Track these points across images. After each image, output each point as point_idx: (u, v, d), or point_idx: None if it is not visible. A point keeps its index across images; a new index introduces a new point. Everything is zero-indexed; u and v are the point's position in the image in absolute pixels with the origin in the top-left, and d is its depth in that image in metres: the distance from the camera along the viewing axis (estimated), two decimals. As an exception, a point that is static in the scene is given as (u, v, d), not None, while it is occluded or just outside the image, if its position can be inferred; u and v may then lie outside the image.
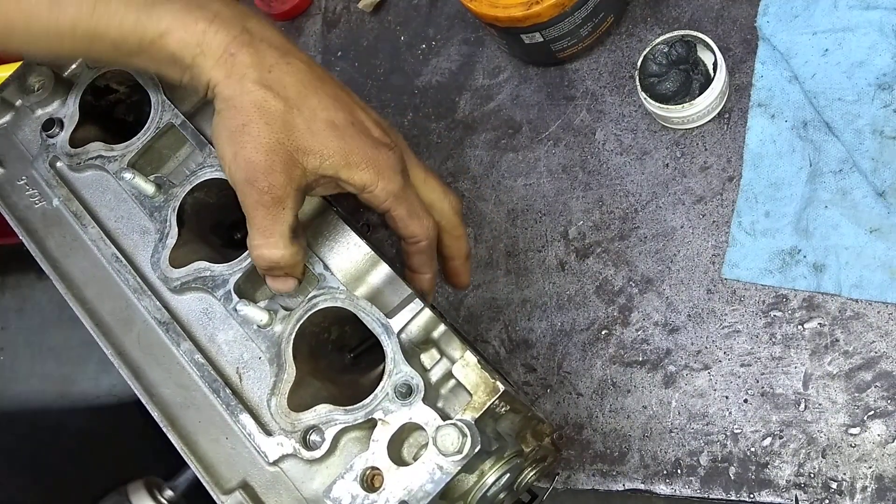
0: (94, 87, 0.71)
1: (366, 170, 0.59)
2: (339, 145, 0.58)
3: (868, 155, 0.69)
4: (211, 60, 0.57)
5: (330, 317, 0.61)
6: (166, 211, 0.65)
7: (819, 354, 0.69)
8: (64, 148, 0.69)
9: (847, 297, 0.69)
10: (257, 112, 0.57)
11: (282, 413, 0.58)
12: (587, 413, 0.75)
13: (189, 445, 0.62)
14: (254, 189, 0.56)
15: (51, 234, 0.71)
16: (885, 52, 0.70)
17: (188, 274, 0.63)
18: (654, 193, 0.78)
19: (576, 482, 0.75)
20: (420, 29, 0.93)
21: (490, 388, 0.56)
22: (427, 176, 0.65)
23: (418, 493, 0.54)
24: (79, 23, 0.58)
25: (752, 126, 0.74)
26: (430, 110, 0.90)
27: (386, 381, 0.56)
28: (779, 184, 0.73)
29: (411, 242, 0.64)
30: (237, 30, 0.58)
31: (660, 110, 0.75)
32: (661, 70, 0.74)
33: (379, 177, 0.59)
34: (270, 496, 0.60)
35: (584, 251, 0.79)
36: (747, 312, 0.72)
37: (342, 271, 0.62)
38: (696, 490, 0.70)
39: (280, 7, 1.00)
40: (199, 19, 0.57)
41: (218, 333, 0.64)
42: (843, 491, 0.66)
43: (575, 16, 0.76)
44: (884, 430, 0.66)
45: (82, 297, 0.68)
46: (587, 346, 0.77)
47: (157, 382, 0.64)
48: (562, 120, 0.83)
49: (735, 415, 0.70)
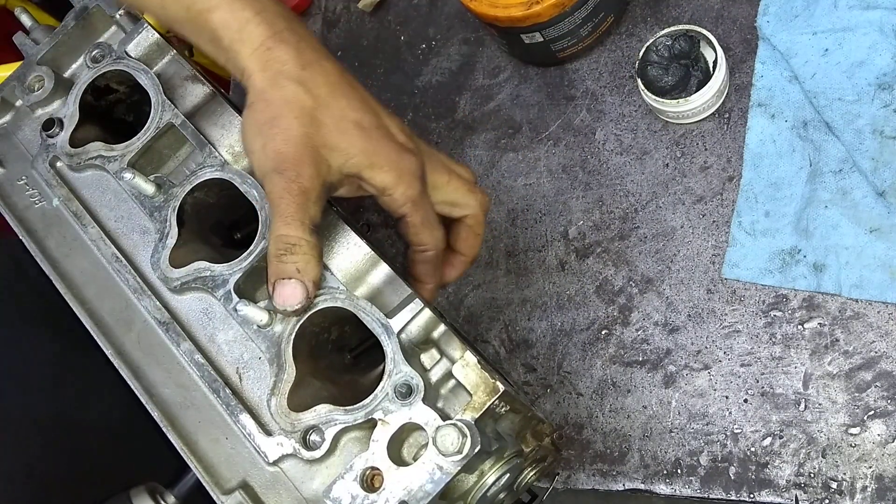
0: (94, 87, 0.71)
1: (388, 172, 0.60)
2: (364, 145, 0.59)
3: (868, 155, 0.69)
4: (248, 49, 0.59)
5: (330, 317, 0.61)
6: (166, 211, 0.65)
7: (819, 354, 0.69)
8: (64, 148, 0.69)
9: (847, 297, 0.69)
10: (287, 107, 0.58)
11: (282, 413, 0.58)
12: (587, 413, 0.75)
13: (189, 445, 0.62)
14: (282, 178, 0.57)
15: (51, 234, 0.71)
16: (885, 52, 0.70)
17: (188, 274, 0.63)
18: (654, 193, 0.78)
19: (576, 482, 0.75)
20: (420, 29, 0.93)
21: (490, 388, 0.56)
22: (451, 176, 0.66)
23: (418, 493, 0.54)
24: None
25: (752, 126, 0.74)
26: (430, 110, 0.90)
27: (386, 381, 0.56)
28: (779, 184, 0.73)
29: (419, 251, 0.64)
30: (279, 27, 0.60)
31: (656, 103, 0.75)
32: (662, 63, 0.74)
33: (399, 180, 0.60)
34: (270, 496, 0.60)
35: (584, 251, 0.79)
36: (747, 312, 0.72)
37: (342, 271, 0.62)
38: (696, 490, 0.70)
39: (280, 7, 1.00)
40: (246, 7, 0.59)
41: (218, 333, 0.64)
42: (843, 491, 0.66)
43: (575, 16, 0.76)
44: (884, 430, 0.66)
45: (82, 297, 0.68)
46: (587, 345, 0.77)
47: (157, 382, 0.64)
48: (562, 120, 0.83)
49: (735, 415, 0.70)
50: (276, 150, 0.57)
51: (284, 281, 0.58)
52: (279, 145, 0.57)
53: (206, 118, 0.69)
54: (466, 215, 0.67)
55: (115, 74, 0.71)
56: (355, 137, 0.59)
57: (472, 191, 0.67)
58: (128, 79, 0.71)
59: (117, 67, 0.70)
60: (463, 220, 0.67)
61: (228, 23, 0.59)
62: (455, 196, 0.66)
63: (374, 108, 0.62)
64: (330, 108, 0.59)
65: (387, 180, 0.60)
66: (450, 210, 0.66)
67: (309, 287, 0.58)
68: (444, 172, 0.65)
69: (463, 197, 0.66)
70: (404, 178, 0.60)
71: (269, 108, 0.58)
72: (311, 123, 0.58)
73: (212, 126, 0.68)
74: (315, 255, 0.58)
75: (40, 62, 0.73)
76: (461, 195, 0.66)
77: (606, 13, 0.79)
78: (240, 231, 0.71)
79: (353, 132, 0.59)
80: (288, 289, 0.58)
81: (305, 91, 0.58)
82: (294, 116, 0.58)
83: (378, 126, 0.60)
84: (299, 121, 0.58)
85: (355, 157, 0.59)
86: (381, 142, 0.60)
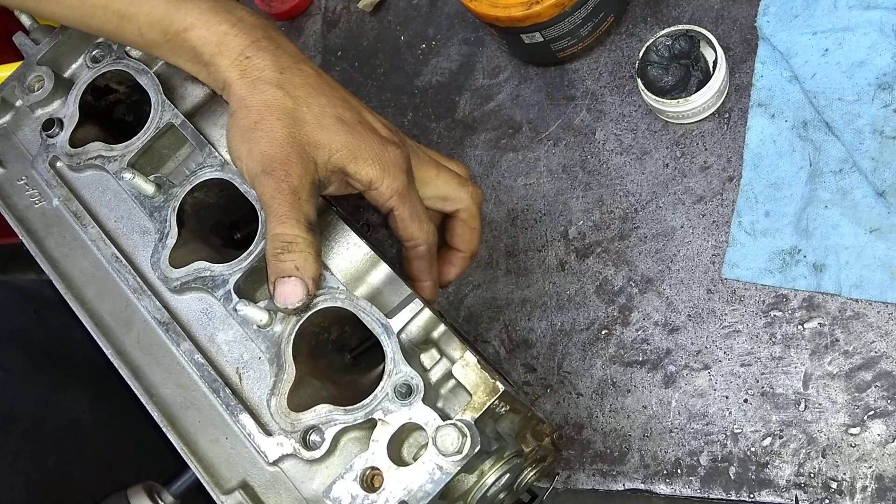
0: (94, 87, 0.71)
1: (372, 165, 0.60)
2: (347, 140, 0.59)
3: (868, 155, 0.69)
4: (227, 60, 0.60)
5: (330, 317, 0.61)
6: (166, 211, 0.65)
7: (819, 354, 0.69)
8: (64, 148, 0.69)
9: (847, 297, 0.69)
10: (268, 110, 0.59)
11: (282, 413, 0.58)
12: (587, 413, 0.75)
13: (189, 445, 0.62)
14: (272, 178, 0.57)
15: (50, 234, 0.71)
16: (885, 52, 0.70)
17: (188, 274, 0.63)
18: (654, 193, 0.78)
19: (576, 482, 0.75)
20: (420, 29, 0.93)
21: (490, 388, 0.56)
22: (440, 170, 0.66)
23: (418, 493, 0.54)
24: (112, 2, 0.62)
25: (752, 126, 0.74)
26: (430, 110, 0.90)
27: (386, 381, 0.56)
28: (779, 184, 0.73)
29: (410, 247, 0.64)
30: (256, 36, 0.61)
31: (656, 103, 0.75)
32: (662, 63, 0.74)
33: (385, 173, 0.60)
34: (270, 496, 0.60)
35: (584, 251, 0.79)
36: (747, 312, 0.72)
37: (342, 271, 0.62)
38: (696, 490, 0.70)
39: (280, 7, 1.00)
40: (222, 21, 0.61)
41: (218, 333, 0.64)
42: (843, 491, 0.66)
43: (575, 16, 0.76)
44: (884, 430, 0.66)
45: (82, 297, 0.68)
46: (587, 345, 0.77)
47: (157, 382, 0.64)
48: (562, 120, 0.83)
49: (735, 415, 0.70)
50: (262, 152, 0.58)
51: (284, 279, 0.58)
52: (265, 147, 0.58)
53: (206, 118, 0.69)
54: (459, 209, 0.67)
55: (115, 74, 0.71)
56: (337, 132, 0.59)
57: (463, 184, 0.67)
58: (128, 79, 0.71)
59: (117, 67, 0.70)
60: (457, 215, 0.67)
61: (206, 38, 0.61)
62: (445, 190, 0.66)
63: (355, 104, 0.62)
64: (310, 107, 0.59)
65: (371, 173, 0.60)
66: (442, 205, 0.66)
67: (309, 284, 0.58)
68: (431, 167, 0.65)
69: (454, 190, 0.66)
70: (389, 170, 0.60)
71: (250, 114, 0.59)
72: (294, 123, 0.59)
73: (212, 126, 0.68)
74: (313, 253, 0.58)
75: (40, 62, 0.73)
76: (451, 189, 0.66)
77: (606, 13, 0.79)
78: (240, 231, 0.71)
79: (335, 127, 0.59)
80: (288, 287, 0.58)
81: (285, 93, 0.59)
82: (276, 118, 0.58)
83: (360, 121, 0.61)
84: (282, 122, 0.58)
85: (339, 151, 0.59)
86: (363, 135, 0.60)
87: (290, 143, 0.58)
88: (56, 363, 0.93)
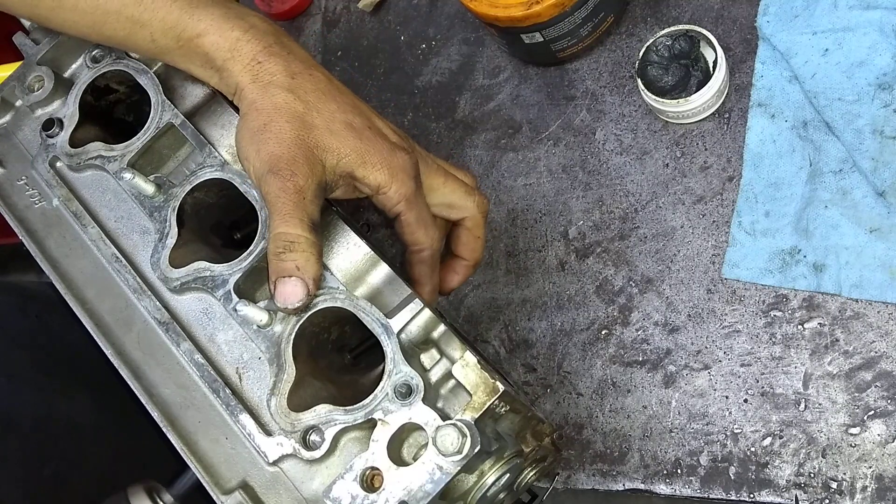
0: (94, 87, 0.71)
1: (381, 170, 0.60)
2: (355, 144, 0.60)
3: (868, 155, 0.69)
4: (239, 66, 0.61)
5: (330, 317, 0.61)
6: (166, 211, 0.65)
7: (819, 354, 0.69)
8: (64, 148, 0.69)
9: (847, 297, 0.69)
10: (278, 112, 0.59)
11: (282, 413, 0.58)
12: (587, 413, 0.75)
13: (189, 446, 0.62)
14: (278, 178, 0.58)
15: (50, 234, 0.71)
16: (885, 52, 0.70)
17: (188, 274, 0.63)
18: (654, 193, 0.78)
19: (576, 482, 0.75)
20: (420, 29, 0.93)
21: (490, 388, 0.56)
22: (447, 179, 0.66)
23: (418, 493, 0.54)
24: (125, 8, 0.62)
25: (752, 126, 0.74)
26: (430, 110, 0.90)
27: (386, 381, 0.56)
28: (779, 184, 0.73)
29: (415, 251, 0.65)
30: (268, 41, 0.62)
31: (656, 103, 0.75)
32: (662, 63, 0.74)
33: (393, 179, 0.60)
34: (270, 496, 0.60)
35: (584, 251, 0.79)
36: (747, 312, 0.72)
37: (342, 271, 0.62)
38: (696, 490, 0.70)
39: (280, 7, 1.00)
40: (235, 27, 0.61)
41: (218, 333, 0.64)
42: (843, 491, 0.66)
43: (575, 16, 0.76)
44: (884, 430, 0.66)
45: (82, 297, 0.68)
46: (587, 346, 0.77)
47: (157, 382, 0.64)
48: (562, 120, 0.83)
49: (735, 415, 0.70)
50: (270, 152, 0.58)
51: (285, 279, 0.58)
52: (272, 147, 0.58)
53: (206, 118, 0.69)
54: (465, 218, 0.67)
55: (115, 74, 0.71)
56: (347, 137, 0.60)
57: (470, 193, 0.67)
58: (128, 79, 0.71)
59: (117, 67, 0.70)
60: (462, 223, 0.67)
61: (219, 44, 0.61)
62: (452, 198, 0.66)
63: (365, 110, 0.63)
64: (320, 112, 0.60)
65: (380, 178, 0.60)
66: (448, 212, 0.67)
67: (309, 284, 0.58)
68: (439, 174, 0.66)
69: (460, 199, 0.66)
70: (397, 175, 0.61)
71: (260, 116, 0.59)
72: (303, 126, 0.59)
73: (212, 126, 0.68)
74: (314, 253, 0.58)
75: (40, 62, 0.73)
76: (458, 197, 0.66)
77: (606, 13, 0.79)
78: (240, 231, 0.71)
79: (345, 132, 0.60)
80: (289, 286, 0.58)
81: (295, 97, 0.60)
82: (286, 121, 0.59)
83: (369, 126, 0.61)
84: (291, 124, 0.59)
85: (348, 156, 0.60)
86: (372, 140, 0.61)
87: (297, 144, 0.58)
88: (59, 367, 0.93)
